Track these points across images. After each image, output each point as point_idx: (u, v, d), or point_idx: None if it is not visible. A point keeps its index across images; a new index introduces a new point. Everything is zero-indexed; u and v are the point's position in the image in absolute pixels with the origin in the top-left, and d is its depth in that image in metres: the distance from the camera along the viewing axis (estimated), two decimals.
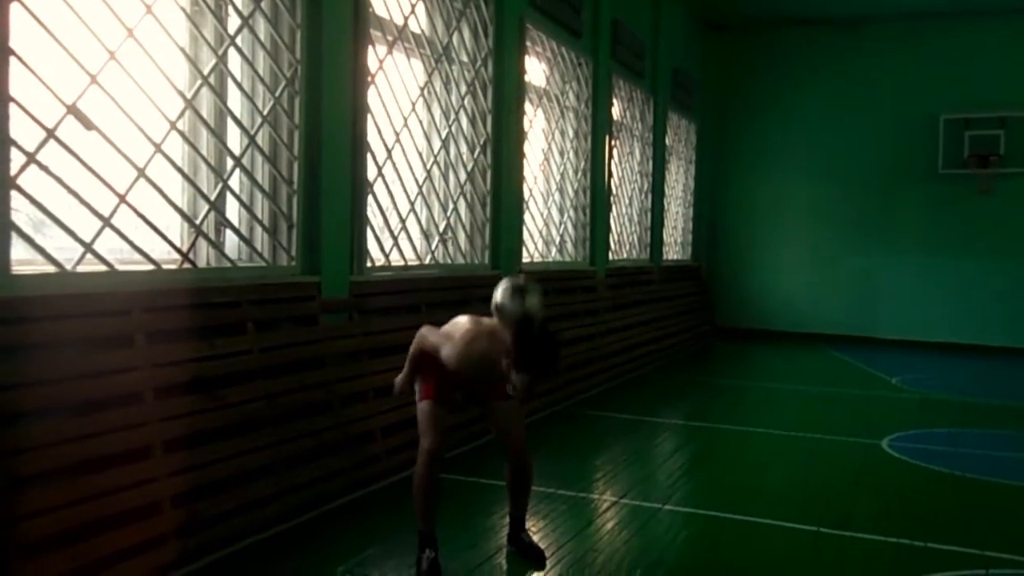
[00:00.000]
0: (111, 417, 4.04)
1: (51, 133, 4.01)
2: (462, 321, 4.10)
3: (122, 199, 4.40)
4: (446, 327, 4.12)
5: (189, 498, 4.30)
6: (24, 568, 3.50)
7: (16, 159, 3.82)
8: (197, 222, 4.99)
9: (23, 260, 3.99)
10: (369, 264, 6.25)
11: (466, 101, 7.64)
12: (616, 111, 11.19)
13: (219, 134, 5.18)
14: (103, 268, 4.31)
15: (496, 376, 3.88)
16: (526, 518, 4.47)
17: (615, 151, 11.15)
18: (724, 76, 15.35)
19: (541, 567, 4.27)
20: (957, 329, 13.82)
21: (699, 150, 15.08)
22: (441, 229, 7.38)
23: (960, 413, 8.78)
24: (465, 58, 7.68)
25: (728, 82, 15.33)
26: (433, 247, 7.28)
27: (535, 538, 4.48)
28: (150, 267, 4.61)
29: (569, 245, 10.06)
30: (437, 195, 7.39)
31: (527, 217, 8.84)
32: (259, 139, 5.37)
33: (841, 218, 14.56)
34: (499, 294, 4.15)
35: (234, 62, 5.28)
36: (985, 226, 13.74)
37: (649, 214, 12.73)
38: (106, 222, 4.31)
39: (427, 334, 4.12)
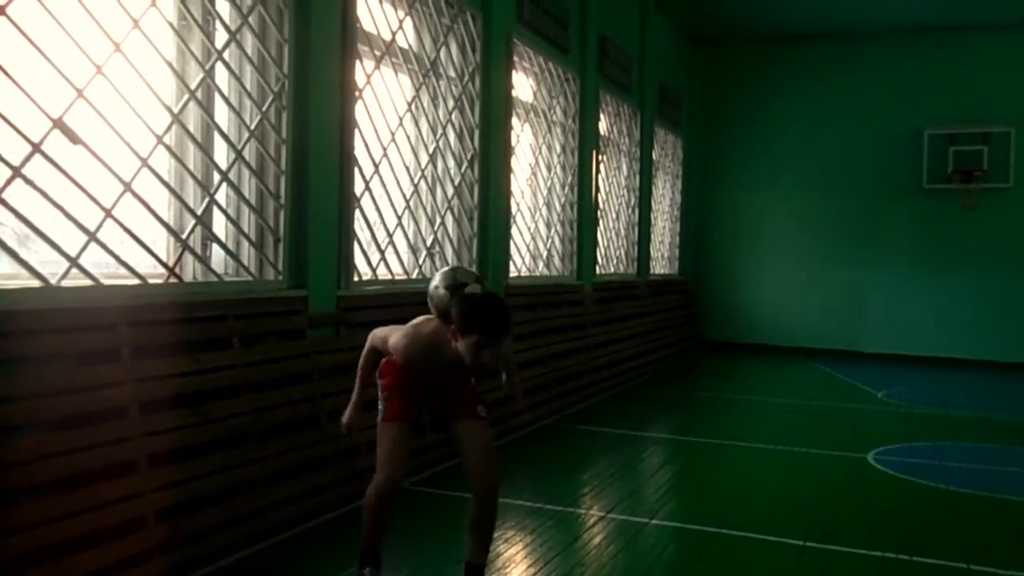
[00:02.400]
0: (96, 432, 4.02)
1: (36, 147, 4.00)
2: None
3: (108, 213, 4.39)
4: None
5: (174, 513, 4.28)
6: None
7: (1, 173, 3.81)
8: (183, 236, 4.98)
9: (7, 274, 3.98)
10: (356, 278, 6.24)
11: (453, 116, 7.67)
12: (603, 126, 11.24)
13: (206, 148, 5.18)
14: (89, 282, 4.29)
15: (450, 364, 3.69)
16: (485, 568, 3.97)
17: (602, 166, 11.20)
18: (711, 91, 15.44)
19: None
20: (943, 343, 13.90)
21: (686, 164, 15.16)
22: (428, 243, 7.38)
23: (946, 427, 8.82)
24: (453, 73, 7.71)
25: (715, 97, 15.43)
26: (420, 261, 7.28)
27: (519, 553, 4.47)
28: (136, 281, 4.60)
29: (556, 259, 10.08)
30: (424, 209, 7.40)
31: (514, 231, 8.86)
32: (246, 153, 5.37)
33: (827, 232, 14.65)
34: (434, 281, 4.02)
35: (221, 76, 5.29)
36: (969, 240, 13.85)
37: (636, 228, 12.77)
38: (92, 236, 4.30)
39: (376, 331, 4.01)
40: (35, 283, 4.03)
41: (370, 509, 3.83)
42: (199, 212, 5.09)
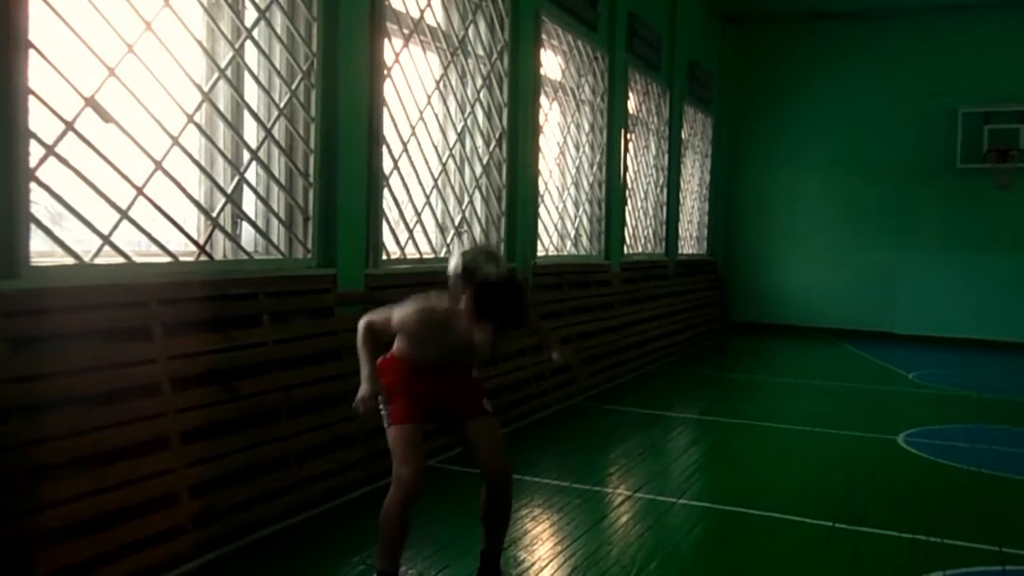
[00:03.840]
0: (129, 408, 4.07)
1: (69, 125, 4.03)
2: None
3: (140, 191, 4.42)
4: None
5: (205, 489, 4.33)
6: (44, 556, 3.54)
7: (35, 151, 3.85)
8: (214, 214, 5.02)
9: (42, 252, 4.01)
10: (385, 257, 6.26)
11: (482, 94, 7.64)
12: (632, 105, 11.16)
13: (236, 127, 5.20)
14: (121, 260, 4.33)
15: (461, 347, 3.51)
16: (501, 557, 3.92)
17: (630, 145, 11.13)
18: (741, 69, 15.27)
19: None
20: (975, 325, 13.72)
21: (715, 144, 15.02)
22: (456, 222, 7.38)
23: (978, 409, 8.73)
24: (481, 51, 7.68)
25: (744, 75, 15.26)
26: (448, 240, 7.29)
27: (546, 531, 4.48)
28: (167, 259, 4.64)
29: (584, 239, 10.05)
30: (452, 188, 7.39)
31: (542, 210, 8.83)
32: (275, 132, 5.39)
33: (858, 212, 14.48)
34: (452, 261, 3.80)
35: (251, 55, 5.30)
36: (1004, 221, 13.63)
37: (664, 208, 12.69)
38: (124, 214, 4.33)
39: (368, 315, 3.74)
40: (69, 260, 4.08)
41: (392, 518, 3.54)
42: (229, 190, 5.11)
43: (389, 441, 3.62)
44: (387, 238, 6.34)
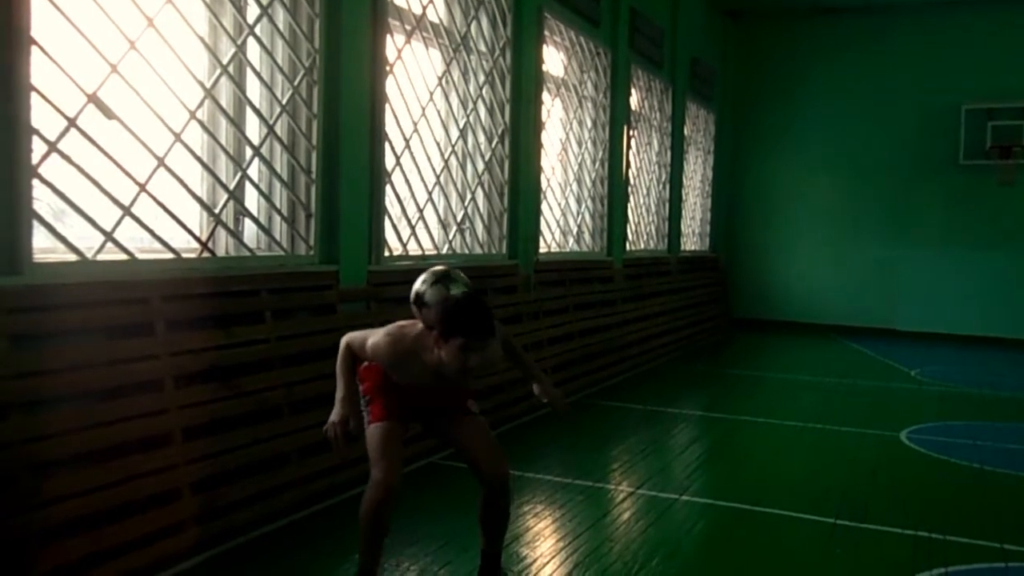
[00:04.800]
0: (131, 404, 4.08)
1: (72, 122, 4.03)
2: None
3: (142, 188, 4.42)
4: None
5: (208, 485, 4.34)
6: (46, 551, 3.54)
7: (38, 148, 3.85)
8: (216, 211, 5.02)
9: (44, 248, 4.02)
10: (387, 253, 6.26)
11: (484, 91, 7.64)
12: (634, 101, 11.15)
13: (238, 123, 5.20)
14: (124, 256, 4.34)
15: (431, 375, 3.48)
16: (502, 555, 3.91)
17: (633, 141, 11.12)
18: (743, 65, 15.25)
19: None
20: (978, 321, 13.71)
21: (717, 140, 15.00)
22: (459, 219, 7.38)
23: (981, 406, 8.73)
24: (483, 47, 7.67)
25: (747, 71, 15.24)
26: (450, 237, 7.29)
27: (548, 527, 4.48)
28: (170, 256, 4.64)
29: (586, 235, 10.05)
30: (455, 184, 7.39)
31: (544, 207, 8.83)
32: (278, 128, 5.39)
33: (860, 209, 14.46)
34: (419, 283, 3.70)
35: (253, 51, 5.29)
36: (1007, 217, 13.60)
37: (667, 204, 12.69)
38: (126, 211, 4.33)
39: (351, 334, 3.70)
40: (71, 257, 4.08)
41: (368, 519, 3.51)
42: (231, 187, 5.12)
43: (367, 441, 3.59)
44: (389, 234, 6.34)
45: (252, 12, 5.21)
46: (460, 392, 3.74)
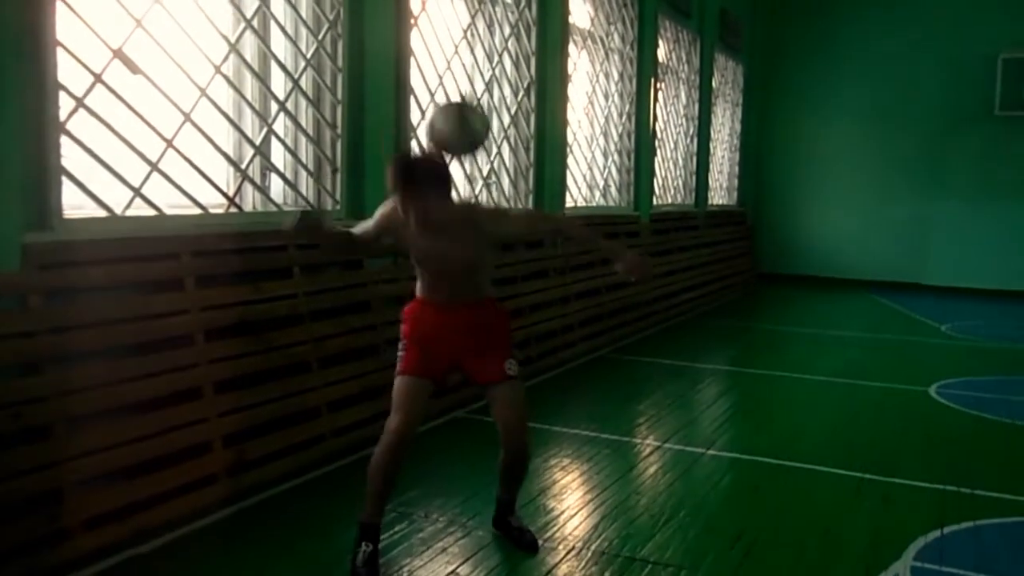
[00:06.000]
0: (162, 359, 4.12)
1: (98, 77, 4.03)
2: None
3: (169, 143, 4.43)
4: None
5: (239, 438, 4.40)
6: (79, 503, 3.61)
7: (65, 104, 3.86)
8: (242, 166, 5.02)
9: (73, 204, 4.04)
10: None
11: (510, 43, 7.55)
12: (662, 53, 10.99)
13: (263, 78, 5.18)
14: (152, 212, 4.36)
15: (420, 233, 3.42)
16: (516, 501, 4.02)
17: (660, 94, 10.98)
18: (772, 16, 14.97)
19: (534, 552, 3.83)
20: (1009, 275, 13.52)
21: (746, 93, 14.79)
22: (485, 173, 7.35)
23: (1011, 361, 8.65)
24: None
25: (777, 22, 14.97)
26: (477, 191, 7.26)
27: (575, 480, 4.50)
28: (198, 211, 4.65)
29: (613, 189, 9.98)
30: None
31: (571, 161, 8.76)
32: (303, 83, 5.36)
33: (891, 162, 14.25)
34: (433, 117, 3.61)
35: (277, 5, 5.25)
36: None
37: (694, 158, 12.56)
38: (154, 166, 4.34)
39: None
40: (100, 213, 4.10)
41: (377, 469, 3.52)
42: (258, 142, 5.11)
43: (393, 390, 3.61)
44: None
45: None
46: (500, 349, 3.67)
